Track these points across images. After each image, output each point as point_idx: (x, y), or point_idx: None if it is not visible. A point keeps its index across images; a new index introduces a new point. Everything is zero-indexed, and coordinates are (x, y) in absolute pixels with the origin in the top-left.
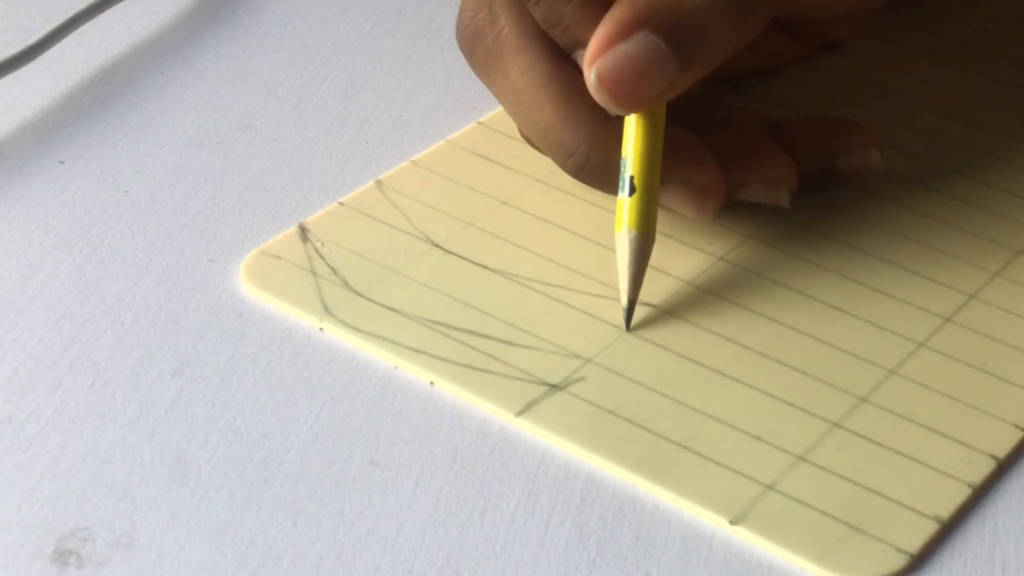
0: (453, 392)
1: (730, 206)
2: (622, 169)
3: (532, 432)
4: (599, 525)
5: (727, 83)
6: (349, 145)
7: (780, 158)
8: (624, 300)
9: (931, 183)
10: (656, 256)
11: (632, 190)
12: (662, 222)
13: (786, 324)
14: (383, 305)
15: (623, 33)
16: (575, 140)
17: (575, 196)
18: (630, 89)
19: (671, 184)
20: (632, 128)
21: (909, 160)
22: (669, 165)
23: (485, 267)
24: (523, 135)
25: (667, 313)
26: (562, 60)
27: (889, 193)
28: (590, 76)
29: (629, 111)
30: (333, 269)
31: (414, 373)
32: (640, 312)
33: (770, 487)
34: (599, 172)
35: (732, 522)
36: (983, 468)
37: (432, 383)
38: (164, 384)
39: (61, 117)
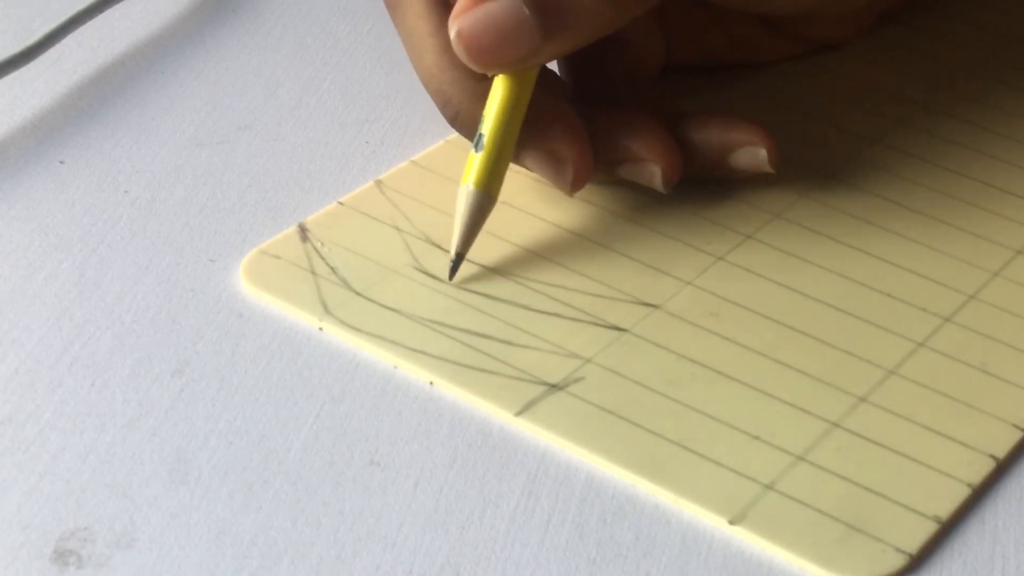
0: (453, 392)
1: (720, 205)
2: (480, 126)
3: (532, 432)
4: (599, 525)
5: (705, 72)
6: (349, 145)
7: (653, 140)
8: (452, 252)
9: (931, 183)
10: (656, 256)
11: (481, 147)
12: (663, 222)
13: (786, 324)
14: (382, 305)
15: None
16: (451, 91)
17: (575, 196)
18: (487, 50)
19: (532, 151)
20: (495, 88)
21: (909, 160)
22: (533, 132)
23: (485, 267)
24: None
25: (667, 313)
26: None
27: (889, 193)
28: (452, 31)
29: (487, 71)
30: (333, 269)
31: (414, 373)
32: (639, 312)
33: (769, 487)
34: (470, 125)
35: (731, 522)
36: (982, 468)
37: (432, 383)
38: (164, 384)
39: (61, 117)
